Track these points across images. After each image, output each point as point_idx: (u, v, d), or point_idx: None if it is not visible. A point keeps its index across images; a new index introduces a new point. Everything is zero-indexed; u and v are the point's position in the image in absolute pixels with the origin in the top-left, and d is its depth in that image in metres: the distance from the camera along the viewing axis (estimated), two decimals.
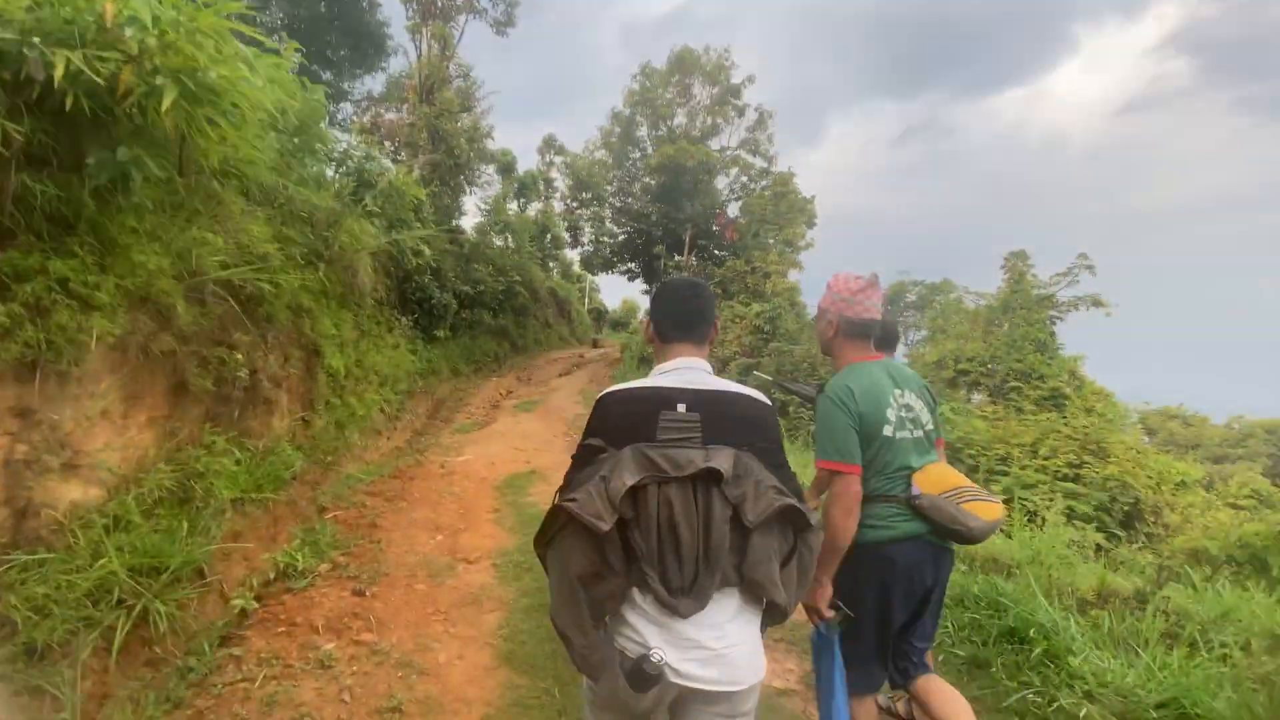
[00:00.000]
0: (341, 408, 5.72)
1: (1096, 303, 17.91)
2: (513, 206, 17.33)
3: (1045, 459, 8.64)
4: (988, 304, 19.50)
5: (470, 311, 13.40)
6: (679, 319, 1.47)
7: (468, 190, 14.25)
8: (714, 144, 15.38)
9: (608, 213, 17.33)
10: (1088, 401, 16.37)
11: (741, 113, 15.27)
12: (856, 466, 1.76)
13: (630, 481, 1.16)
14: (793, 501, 1.23)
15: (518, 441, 6.31)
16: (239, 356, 3.86)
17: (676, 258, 16.18)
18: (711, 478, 1.19)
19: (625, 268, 18.59)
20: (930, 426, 1.91)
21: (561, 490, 1.31)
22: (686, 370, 1.39)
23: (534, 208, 22.51)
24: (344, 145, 5.82)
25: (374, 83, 14.05)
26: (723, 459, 1.20)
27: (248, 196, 4.50)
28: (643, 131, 16.42)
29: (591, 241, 18.27)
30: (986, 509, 1.77)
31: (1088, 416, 15.22)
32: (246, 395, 4.08)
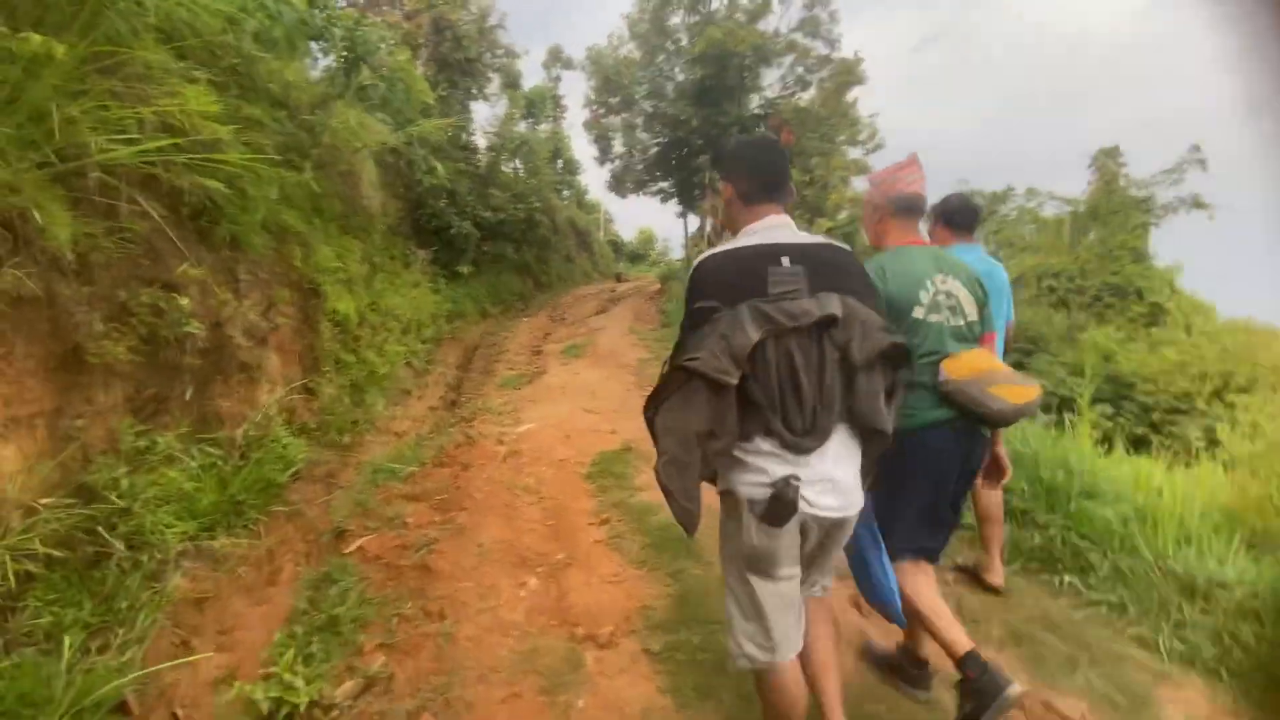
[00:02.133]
0: (357, 366, 4.37)
1: (1199, 204, 15.61)
2: (520, 128, 15.37)
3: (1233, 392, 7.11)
4: (1074, 210, 17.31)
5: (493, 244, 11.85)
6: (767, 179, 1.49)
7: (480, 96, 12.30)
8: (763, 27, 13.00)
9: (639, 120, 15.11)
10: (1188, 318, 14.52)
11: None
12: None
13: (756, 337, 1.22)
14: (897, 338, 1.35)
15: (585, 400, 4.95)
16: (183, 301, 2.45)
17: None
18: (827, 323, 1.28)
19: (657, 187, 16.58)
20: (974, 318, 1.84)
21: (674, 354, 1.34)
22: (778, 228, 1.44)
23: (543, 129, 20.41)
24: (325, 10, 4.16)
25: None
26: (834, 305, 1.28)
27: (184, 56, 2.94)
28: (677, 18, 13.94)
29: (623, 155, 16.09)
30: (1015, 390, 1.74)
31: (1188, 335, 13.47)
32: (207, 361, 2.70)
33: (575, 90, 27.40)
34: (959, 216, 2.53)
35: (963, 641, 1.66)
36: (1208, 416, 6.41)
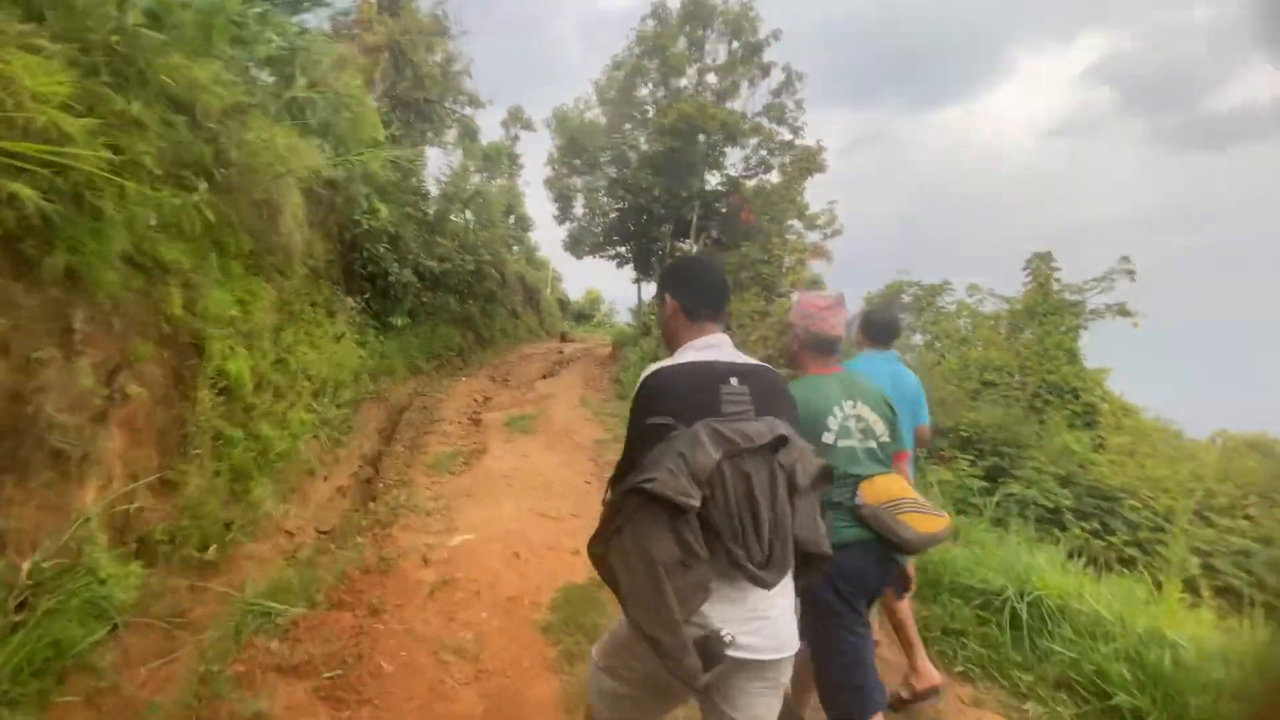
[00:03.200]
0: (245, 444, 3.38)
1: (1124, 312, 16.90)
2: (475, 180, 14.98)
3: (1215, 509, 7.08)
4: (1011, 308, 18.38)
5: (434, 294, 11.01)
6: (710, 297, 1.49)
7: (436, 142, 11.74)
8: (730, 108, 13.35)
9: (601, 184, 14.96)
10: (1117, 419, 15.34)
11: (766, 72, 13.17)
12: None
13: (717, 457, 1.15)
14: (825, 461, 1.32)
15: (538, 497, 4.09)
16: None
17: (682, 241, 14.08)
18: (775, 446, 1.23)
19: (614, 251, 16.28)
20: (885, 439, 1.93)
21: (620, 477, 1.26)
22: (719, 347, 1.42)
23: (498, 184, 20.29)
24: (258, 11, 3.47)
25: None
26: (783, 427, 1.24)
27: (28, 11, 2.14)
28: (645, 90, 14.15)
29: (583, 216, 15.75)
30: (923, 520, 1.79)
31: (1119, 435, 14.16)
32: None
33: (531, 151, 27.79)
34: (880, 331, 2.76)
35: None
36: (1194, 538, 6.33)
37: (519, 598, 2.76)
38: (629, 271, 17.64)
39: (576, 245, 16.41)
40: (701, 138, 12.67)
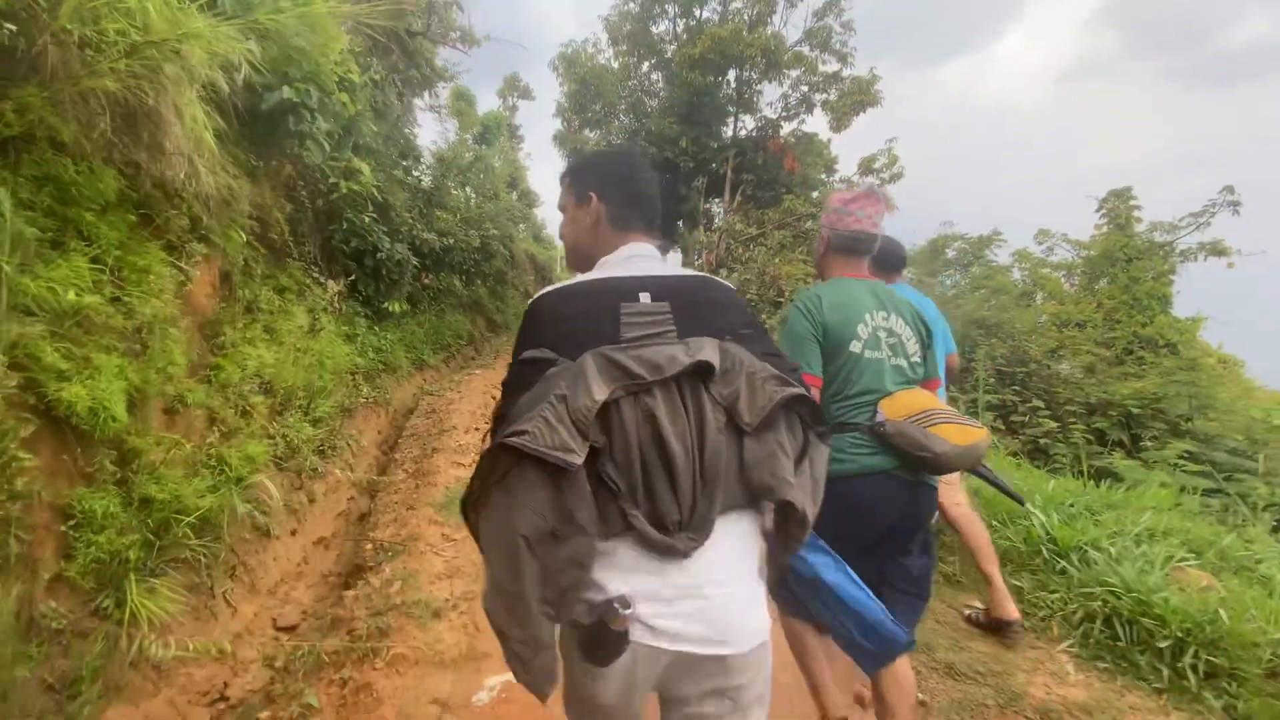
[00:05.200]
0: (117, 522, 2.03)
1: (1218, 250, 15.05)
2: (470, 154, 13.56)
3: None
4: (1087, 255, 16.51)
5: (435, 275, 9.69)
6: (637, 198, 1.20)
7: (425, 101, 10.24)
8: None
9: (618, 138, 13.29)
10: (1216, 374, 13.63)
11: None
12: (812, 377, 1.67)
13: (602, 396, 0.89)
14: (799, 390, 1.00)
15: None
16: None
17: (713, 201, 12.44)
18: (700, 374, 0.97)
19: None
20: (917, 359, 1.75)
21: (495, 427, 0.99)
22: (640, 258, 1.15)
23: (498, 156, 18.99)
24: None
25: None
26: (710, 351, 0.98)
27: None
28: (663, 27, 12.37)
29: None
30: (959, 432, 1.57)
31: (1223, 390, 12.48)
32: None
33: (530, 123, 26.37)
34: (885, 260, 2.61)
35: (838, 705, 1.74)
36: None
37: None
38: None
39: None
40: (733, 73, 10.97)
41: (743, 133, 12.36)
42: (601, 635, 0.89)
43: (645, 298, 1.03)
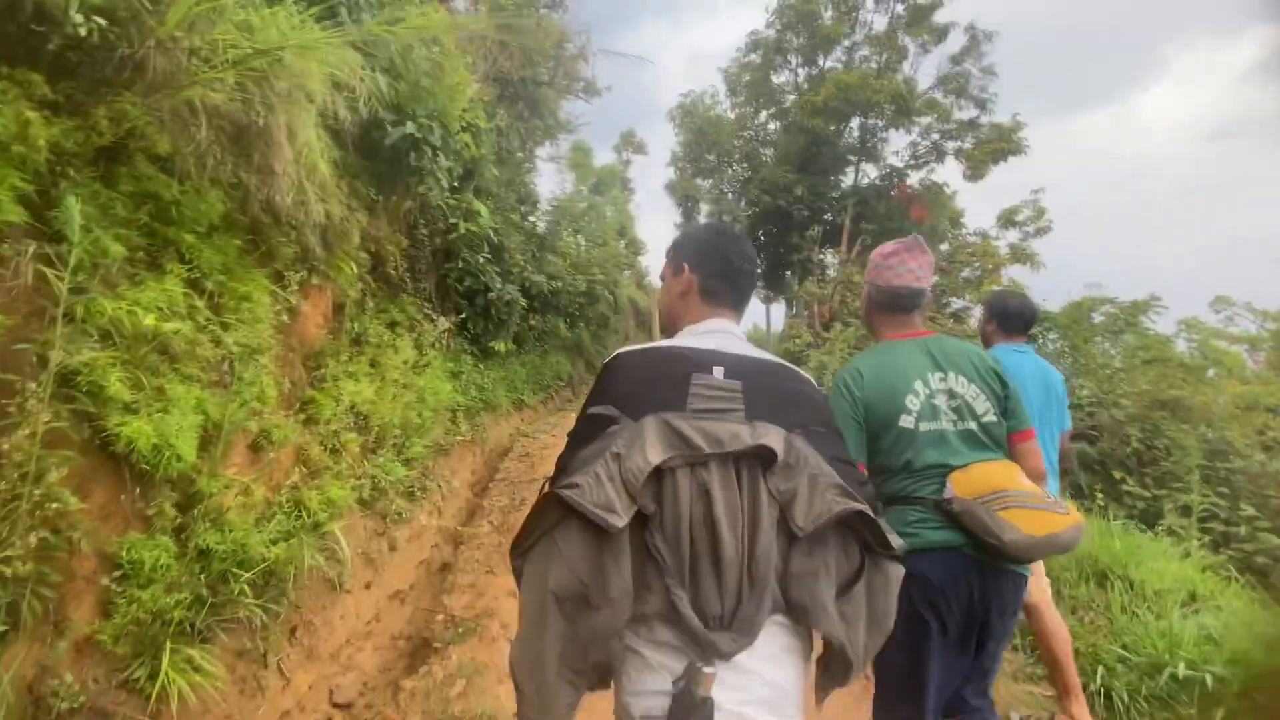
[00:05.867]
0: (156, 584, 1.82)
1: None
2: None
3: None
4: (1277, 328, 13.89)
5: (541, 317, 9.77)
6: (732, 275, 1.21)
7: (546, 152, 10.65)
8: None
9: (728, 188, 13.11)
10: None
11: (942, 36, 10.54)
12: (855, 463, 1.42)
13: (656, 460, 0.87)
14: (861, 506, 0.92)
15: None
16: None
17: (827, 252, 11.78)
18: (760, 459, 0.92)
19: None
20: (991, 418, 1.57)
21: (554, 477, 0.96)
22: (723, 334, 1.15)
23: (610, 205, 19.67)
24: None
25: None
26: (774, 437, 0.92)
27: None
28: (784, 77, 12.16)
29: (713, 219, 13.99)
30: (1034, 519, 1.41)
31: None
32: None
33: (641, 177, 27.22)
34: (1013, 319, 2.46)
35: None
36: None
37: None
38: (759, 290, 15.63)
39: None
40: (857, 120, 10.45)
41: (864, 181, 11.71)
42: (687, 704, 0.84)
43: (719, 372, 1.00)
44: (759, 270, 1.28)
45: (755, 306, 16.52)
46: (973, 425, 1.55)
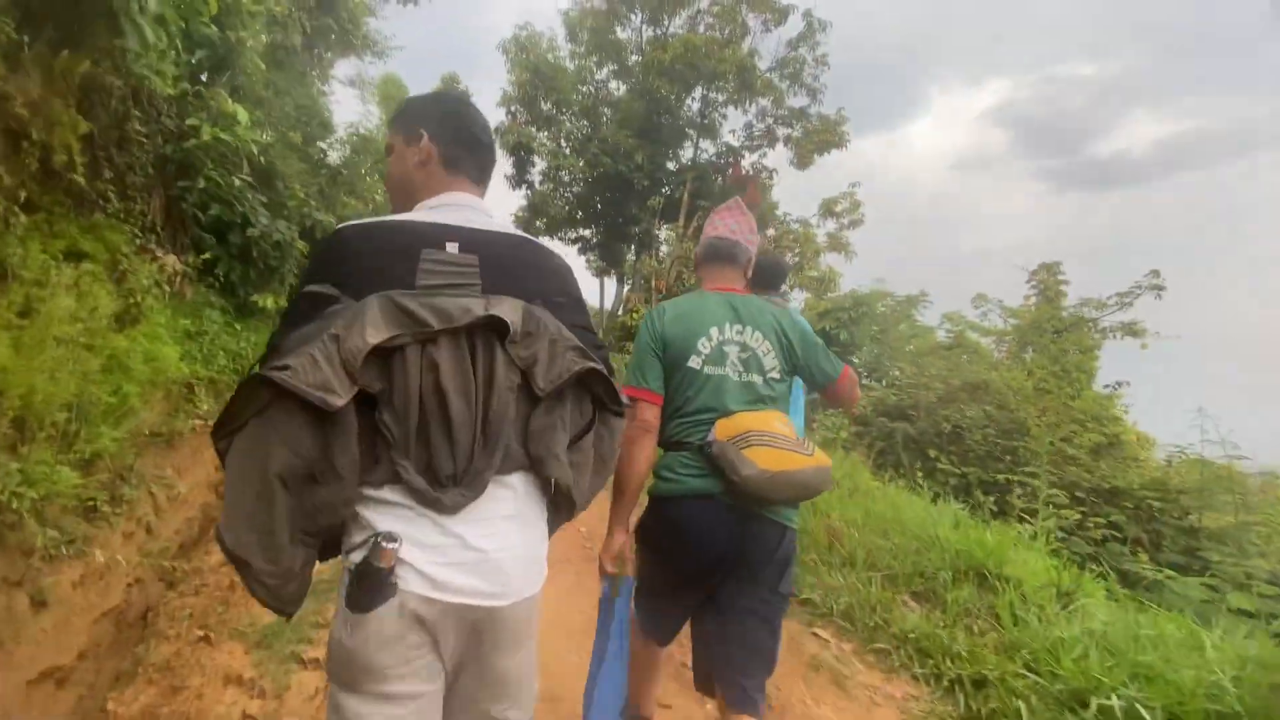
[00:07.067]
0: None
1: (1133, 331, 15.94)
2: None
3: None
4: (1017, 324, 17.00)
5: None
6: (474, 145, 1.15)
7: (344, 61, 8.72)
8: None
9: (566, 144, 12.08)
10: (1135, 450, 14.18)
11: (783, 18, 10.66)
12: (648, 393, 1.62)
13: (376, 339, 0.87)
14: (597, 365, 1.03)
15: None
16: None
17: (663, 228, 11.48)
18: (494, 330, 0.96)
19: (576, 234, 13.32)
20: (775, 376, 1.62)
21: (265, 359, 0.91)
22: (464, 208, 1.08)
23: None
24: None
25: None
26: (508, 309, 0.96)
27: None
28: (627, 34, 11.40)
29: (543, 183, 12.62)
30: (774, 456, 1.43)
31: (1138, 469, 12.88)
32: None
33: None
34: (763, 275, 2.59)
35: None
36: None
37: None
38: (591, 260, 14.90)
39: (534, 217, 13.39)
40: (699, 91, 10.21)
41: (703, 157, 11.64)
42: (368, 575, 0.87)
43: (453, 247, 0.98)
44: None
45: (590, 281, 15.84)
46: (756, 379, 1.59)
